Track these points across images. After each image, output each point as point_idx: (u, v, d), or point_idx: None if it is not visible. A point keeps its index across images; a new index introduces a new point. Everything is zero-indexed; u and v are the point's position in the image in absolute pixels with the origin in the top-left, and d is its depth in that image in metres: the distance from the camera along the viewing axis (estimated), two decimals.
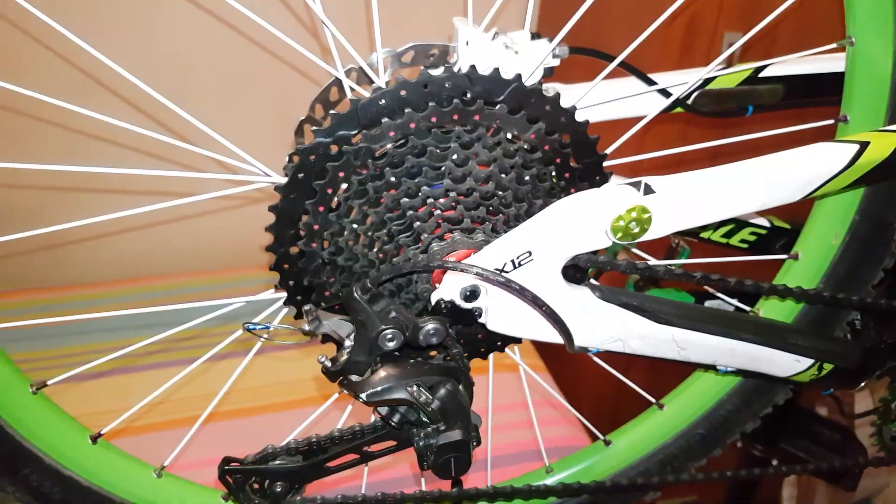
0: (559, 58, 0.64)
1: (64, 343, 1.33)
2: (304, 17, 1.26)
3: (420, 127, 0.53)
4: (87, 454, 0.63)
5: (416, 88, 0.53)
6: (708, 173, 0.54)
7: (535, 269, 0.52)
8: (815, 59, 0.73)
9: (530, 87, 0.54)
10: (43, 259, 1.61)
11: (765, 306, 0.77)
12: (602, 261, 0.55)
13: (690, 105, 0.73)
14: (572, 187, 0.58)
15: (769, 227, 0.82)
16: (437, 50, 0.64)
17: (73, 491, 0.62)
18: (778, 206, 0.56)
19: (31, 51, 1.41)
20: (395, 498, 0.66)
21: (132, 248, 1.64)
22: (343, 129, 0.52)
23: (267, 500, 0.59)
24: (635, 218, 0.51)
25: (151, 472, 0.67)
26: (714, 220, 0.54)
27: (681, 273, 0.60)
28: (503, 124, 0.55)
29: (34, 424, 0.60)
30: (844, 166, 0.57)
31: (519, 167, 0.56)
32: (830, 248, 0.72)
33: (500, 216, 0.57)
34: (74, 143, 1.48)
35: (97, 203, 1.55)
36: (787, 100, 0.75)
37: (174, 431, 1.02)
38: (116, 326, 1.09)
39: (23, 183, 1.55)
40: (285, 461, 0.58)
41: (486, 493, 0.69)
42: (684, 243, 0.92)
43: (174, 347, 0.71)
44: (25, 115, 1.46)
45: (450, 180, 0.55)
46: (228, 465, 0.57)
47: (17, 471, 0.60)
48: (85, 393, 0.92)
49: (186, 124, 0.57)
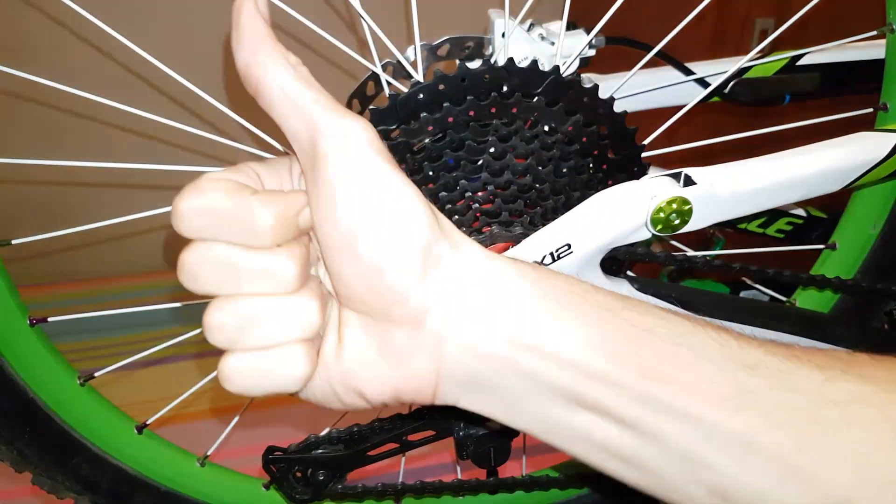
0: (595, 48, 0.64)
1: (108, 334, 1.36)
2: (341, 11, 1.26)
3: (458, 121, 0.54)
4: (133, 444, 0.65)
5: (454, 82, 0.53)
6: (749, 164, 0.54)
7: (575, 262, 0.52)
8: (853, 47, 0.72)
9: (568, 79, 0.54)
10: (89, 252, 1.64)
11: (801, 296, 0.76)
12: (641, 253, 0.55)
13: (728, 94, 0.73)
14: (610, 179, 0.58)
15: (805, 216, 0.81)
16: (472, 42, 0.64)
17: (120, 480, 0.64)
18: (818, 196, 0.56)
19: (58, 40, 1.43)
20: (434, 486, 0.66)
21: (175, 240, 1.66)
22: (382, 124, 0.53)
23: (309, 489, 0.60)
24: (675, 210, 0.51)
25: (195, 461, 0.68)
26: (755, 211, 0.54)
27: (719, 264, 0.59)
28: (541, 116, 0.55)
29: (82, 415, 0.62)
30: (885, 156, 0.56)
31: (557, 159, 0.56)
32: (869, 238, 0.72)
33: (538, 209, 0.57)
34: (115, 139, 1.50)
35: (137, 199, 1.57)
36: (825, 88, 0.74)
37: (218, 420, 1.04)
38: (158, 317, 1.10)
39: (60, 179, 1.58)
40: (327, 450, 0.59)
41: (522, 482, 0.70)
42: (719, 233, 0.91)
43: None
44: (60, 110, 1.49)
45: (488, 173, 0.56)
46: (272, 455, 0.58)
47: (66, 460, 0.61)
48: (130, 383, 0.93)
49: (225, 119, 0.58)
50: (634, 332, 0.35)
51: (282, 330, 0.35)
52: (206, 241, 0.34)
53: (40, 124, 1.54)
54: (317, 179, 0.35)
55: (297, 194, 0.36)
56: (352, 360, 0.37)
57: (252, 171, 0.37)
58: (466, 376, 0.36)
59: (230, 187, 0.34)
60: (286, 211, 0.35)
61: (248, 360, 0.35)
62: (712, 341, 0.35)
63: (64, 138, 1.56)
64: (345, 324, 0.37)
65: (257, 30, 0.35)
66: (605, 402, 0.34)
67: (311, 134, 0.34)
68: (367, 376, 0.37)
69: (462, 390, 0.37)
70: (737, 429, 0.33)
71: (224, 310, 0.34)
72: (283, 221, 0.34)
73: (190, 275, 0.34)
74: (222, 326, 0.34)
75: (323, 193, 0.34)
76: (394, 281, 0.35)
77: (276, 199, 0.34)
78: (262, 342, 0.35)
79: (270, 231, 0.34)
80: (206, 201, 0.33)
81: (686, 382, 0.34)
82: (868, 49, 0.72)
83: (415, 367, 0.36)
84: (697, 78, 0.71)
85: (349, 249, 0.34)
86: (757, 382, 0.34)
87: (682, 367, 0.34)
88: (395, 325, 0.36)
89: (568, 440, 0.36)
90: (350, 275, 0.35)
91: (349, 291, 0.36)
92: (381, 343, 0.36)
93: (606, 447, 0.35)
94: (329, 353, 0.37)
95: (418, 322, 0.35)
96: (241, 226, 0.33)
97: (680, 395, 0.34)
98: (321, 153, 0.34)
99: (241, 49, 0.35)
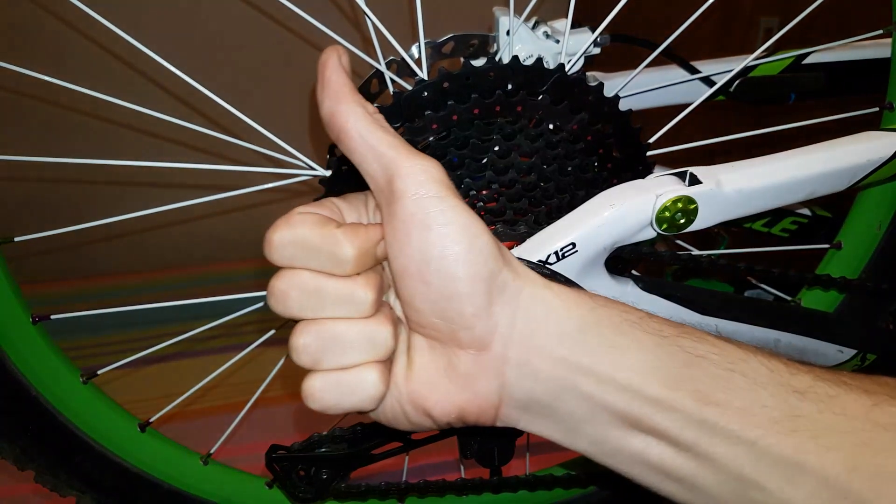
0: (600, 46, 0.64)
1: (112, 331, 1.36)
2: (345, 9, 1.26)
3: (462, 119, 0.54)
4: (136, 442, 0.65)
5: (458, 80, 0.53)
6: (754, 163, 0.54)
7: (580, 261, 0.52)
8: (859, 46, 0.72)
9: (573, 77, 0.54)
10: (92, 250, 1.64)
11: (806, 296, 0.76)
12: (646, 252, 0.55)
13: (733, 93, 0.72)
14: (615, 178, 0.58)
15: (810, 215, 0.81)
16: (477, 40, 0.64)
17: (124, 478, 0.64)
18: (824, 195, 0.56)
19: (69, 41, 1.43)
20: (438, 486, 0.66)
21: (177, 239, 1.66)
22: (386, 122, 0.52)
23: (313, 487, 0.60)
24: (681, 209, 0.51)
25: (198, 459, 0.68)
26: (760, 210, 0.54)
27: (724, 263, 0.59)
28: (546, 115, 0.55)
29: (85, 413, 0.62)
30: (891, 155, 0.56)
31: (561, 158, 0.56)
32: (874, 237, 0.72)
33: (543, 208, 0.57)
34: (118, 137, 1.50)
35: (141, 196, 1.57)
36: (831, 87, 0.74)
37: (222, 417, 1.04)
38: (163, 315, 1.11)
39: (69, 177, 1.58)
40: (331, 448, 0.59)
41: (526, 482, 0.69)
42: (724, 232, 0.91)
43: (219, 335, 0.73)
44: (67, 109, 1.49)
45: (492, 172, 0.55)
46: (275, 453, 0.58)
47: (69, 459, 0.61)
48: (134, 381, 0.94)
49: (230, 117, 0.58)
50: (689, 357, 0.37)
51: (360, 351, 0.38)
52: (294, 268, 0.38)
53: (43, 121, 1.54)
54: (393, 214, 0.38)
55: (375, 227, 0.39)
56: (421, 381, 0.40)
57: (334, 205, 0.41)
58: (527, 399, 0.39)
59: (318, 220, 0.38)
60: (366, 243, 0.38)
61: (330, 380, 0.38)
62: (763, 367, 0.37)
63: (66, 136, 1.56)
64: (414, 348, 0.40)
65: (340, 82, 0.40)
66: (661, 425, 0.36)
67: (388, 174, 0.38)
68: (435, 398, 0.39)
69: (522, 412, 0.40)
70: (788, 451, 0.34)
71: (308, 333, 0.38)
72: (364, 252, 0.38)
73: (278, 299, 0.38)
74: (307, 348, 0.38)
75: (398, 227, 0.38)
76: (462, 308, 0.38)
77: (358, 232, 0.38)
78: (342, 363, 0.38)
79: (353, 261, 0.37)
80: (297, 233, 0.37)
81: (739, 406, 0.35)
82: (873, 48, 0.72)
83: (479, 389, 0.39)
84: (703, 76, 0.70)
85: (421, 278, 0.38)
86: (807, 406, 0.35)
87: (734, 392, 0.36)
88: (461, 349, 0.39)
89: (625, 463, 0.39)
90: (421, 302, 0.38)
91: (419, 317, 0.39)
92: (449, 366, 0.39)
93: (662, 469, 0.37)
94: (399, 374, 0.40)
95: (484, 346, 0.38)
96: (327, 256, 0.37)
97: (733, 419, 0.35)
98: (397, 191, 0.37)
99: (326, 99, 0.39)
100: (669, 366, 0.37)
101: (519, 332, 0.38)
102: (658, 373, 0.37)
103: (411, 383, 0.40)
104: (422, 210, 0.37)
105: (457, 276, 0.37)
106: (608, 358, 0.37)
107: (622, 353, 0.37)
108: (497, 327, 0.38)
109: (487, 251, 0.38)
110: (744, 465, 0.35)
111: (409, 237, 0.37)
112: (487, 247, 0.38)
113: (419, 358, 0.40)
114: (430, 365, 0.40)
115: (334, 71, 0.40)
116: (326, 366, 0.38)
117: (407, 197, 0.37)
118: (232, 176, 0.64)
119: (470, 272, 0.37)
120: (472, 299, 0.37)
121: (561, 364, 0.38)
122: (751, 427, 0.35)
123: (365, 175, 0.40)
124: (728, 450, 0.35)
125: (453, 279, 0.37)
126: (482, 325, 0.38)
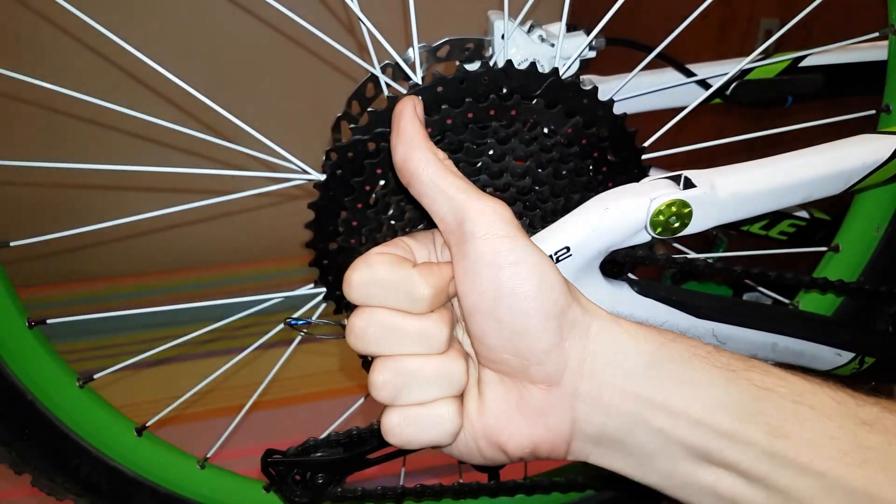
0: (596, 50, 0.64)
1: (109, 335, 1.36)
2: (340, 13, 1.26)
3: (457, 123, 0.53)
4: (133, 446, 0.65)
5: (452, 84, 0.52)
6: (749, 167, 0.54)
7: (574, 265, 0.52)
8: (855, 49, 0.72)
9: (567, 81, 0.54)
10: (89, 254, 1.64)
11: (804, 299, 0.76)
12: (641, 255, 0.55)
13: (730, 96, 0.72)
14: (610, 181, 0.58)
15: (809, 218, 0.81)
16: (472, 44, 0.64)
17: (120, 482, 0.64)
18: (820, 198, 0.56)
19: (66, 47, 1.43)
20: (434, 490, 0.66)
21: (172, 242, 1.67)
22: (380, 126, 0.52)
23: (308, 492, 0.60)
24: (675, 212, 0.51)
25: (195, 463, 0.68)
26: (756, 213, 0.54)
27: (721, 267, 0.59)
28: (540, 119, 0.55)
29: (81, 417, 0.62)
30: (888, 158, 0.56)
31: (556, 162, 0.56)
32: (872, 240, 0.71)
33: (538, 211, 0.57)
34: (114, 141, 1.51)
35: (136, 200, 1.58)
36: (828, 90, 0.74)
37: (218, 420, 1.04)
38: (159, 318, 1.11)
39: (67, 182, 1.59)
40: (326, 453, 0.59)
41: (523, 486, 0.69)
42: (722, 235, 0.91)
43: (215, 338, 0.73)
44: (64, 114, 1.49)
45: (486, 176, 0.55)
46: (271, 458, 0.58)
47: (65, 463, 0.61)
48: (130, 384, 0.94)
49: (225, 122, 0.58)
50: (758, 391, 0.38)
51: (436, 387, 0.39)
52: (372, 307, 0.39)
53: (39, 126, 1.54)
54: (464, 254, 0.39)
55: (447, 266, 0.41)
56: (494, 416, 0.41)
57: (405, 245, 0.43)
58: (598, 433, 0.40)
59: (395, 261, 0.40)
60: (441, 282, 0.40)
61: (409, 415, 0.39)
62: (830, 399, 0.38)
63: (61, 140, 1.57)
64: (485, 383, 0.41)
65: (414, 131, 0.42)
66: (732, 458, 0.37)
67: (458, 216, 0.40)
68: (509, 432, 0.40)
69: (594, 447, 0.40)
70: (858, 483, 0.35)
71: (386, 369, 0.39)
72: (438, 291, 0.40)
73: (358, 336, 0.39)
74: (386, 384, 0.39)
75: (469, 266, 0.39)
76: (534, 344, 0.39)
77: (433, 271, 0.40)
78: (420, 398, 0.39)
79: (429, 299, 0.39)
80: (377, 273, 0.39)
81: (808, 439, 0.36)
82: (870, 51, 0.72)
83: (551, 423, 0.40)
84: (699, 79, 0.70)
85: (493, 315, 0.39)
86: (875, 438, 0.36)
87: (803, 424, 0.36)
88: (533, 384, 0.40)
89: (696, 495, 0.39)
90: (493, 338, 0.39)
91: (491, 353, 0.40)
92: (520, 400, 0.40)
93: (734, 501, 0.38)
94: (472, 409, 0.41)
95: (555, 382, 0.39)
96: (405, 295, 0.39)
97: (803, 451, 0.36)
98: (468, 231, 0.39)
99: (400, 145, 0.42)
100: (740, 400, 0.38)
101: (589, 367, 0.39)
102: (729, 407, 0.37)
103: (484, 417, 0.41)
104: (493, 249, 0.38)
105: (529, 312, 0.38)
106: (679, 393, 0.38)
107: (693, 388, 0.38)
108: (568, 362, 0.39)
109: (558, 288, 0.39)
110: (814, 497, 0.36)
111: (480, 276, 0.39)
112: (558, 284, 0.39)
113: (491, 393, 0.41)
114: (502, 400, 0.41)
115: (410, 120, 0.43)
116: (405, 401, 0.39)
117: (478, 237, 0.39)
118: (228, 180, 0.64)
119: (541, 309, 0.38)
120: (544, 335, 0.38)
121: (632, 399, 0.39)
122: (820, 459, 0.35)
123: (434, 216, 0.41)
124: (799, 482, 0.36)
125: (525, 316, 0.38)
126: (554, 360, 0.39)
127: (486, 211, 0.39)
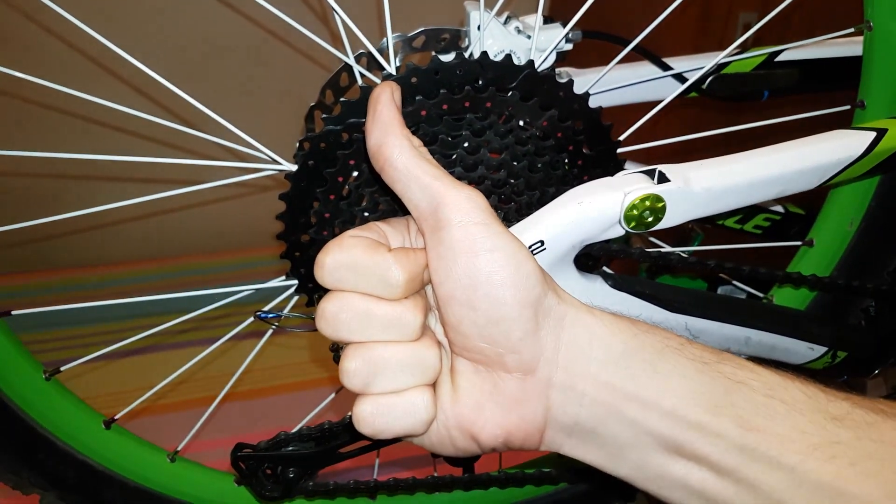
0: (572, 42, 0.63)
1: (78, 325, 1.34)
2: (313, 2, 1.25)
3: (431, 114, 0.53)
4: (101, 439, 0.64)
5: (426, 75, 0.52)
6: (724, 161, 0.53)
7: (548, 259, 0.51)
8: (832, 44, 0.72)
9: (543, 74, 0.54)
10: (58, 244, 1.62)
11: (778, 293, 0.76)
12: (615, 249, 0.55)
13: (706, 90, 0.72)
14: (585, 175, 0.57)
15: (783, 213, 0.81)
16: (448, 35, 0.63)
17: (88, 475, 0.63)
18: (795, 193, 0.56)
19: (37, 38, 1.41)
20: (408, 483, 0.66)
21: (143, 232, 1.65)
22: (353, 116, 0.52)
23: (279, 486, 0.59)
24: (649, 207, 0.50)
25: (165, 456, 0.67)
26: (730, 208, 0.54)
27: (694, 261, 0.59)
28: (515, 111, 0.54)
29: (48, 410, 0.61)
30: (861, 154, 0.56)
31: (531, 155, 0.56)
32: (846, 235, 0.72)
33: (513, 205, 0.56)
34: (85, 131, 1.49)
35: (108, 190, 1.56)
36: (803, 84, 0.74)
37: (189, 412, 1.03)
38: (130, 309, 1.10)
39: (37, 171, 1.56)
40: (298, 447, 0.58)
41: (497, 479, 0.69)
42: (698, 228, 0.91)
43: (186, 329, 0.72)
44: (35, 104, 1.47)
45: (461, 168, 0.55)
46: (241, 452, 0.58)
47: (31, 456, 0.60)
48: (99, 376, 0.92)
49: (195, 112, 0.57)
50: (730, 384, 0.38)
51: (409, 375, 0.39)
52: (344, 291, 0.39)
53: (8, 116, 1.51)
54: (439, 241, 0.39)
55: (422, 252, 0.40)
56: (467, 405, 0.40)
57: (379, 229, 0.42)
58: (572, 423, 0.39)
59: (369, 244, 0.39)
60: (415, 268, 0.39)
61: (381, 404, 0.39)
62: (801, 393, 0.38)
63: (32, 130, 1.54)
64: (458, 372, 0.41)
65: (391, 116, 0.41)
66: (703, 450, 0.37)
67: (433, 203, 0.39)
68: (482, 421, 0.40)
69: (566, 437, 0.40)
70: (827, 477, 0.35)
71: (358, 356, 0.38)
72: (413, 277, 0.39)
73: (329, 321, 0.39)
74: (357, 371, 0.38)
75: (444, 253, 0.39)
76: (510, 332, 0.38)
77: (409, 256, 0.39)
78: (392, 387, 0.39)
79: (403, 285, 0.38)
80: (350, 256, 0.38)
81: (779, 432, 0.36)
82: (846, 46, 0.72)
83: (525, 412, 0.39)
84: (675, 73, 0.70)
85: (469, 303, 0.38)
86: (845, 433, 0.36)
87: (774, 418, 0.37)
88: (507, 372, 0.39)
89: (667, 488, 0.39)
90: (468, 326, 0.39)
91: (466, 341, 0.39)
92: (494, 390, 0.40)
93: (704, 494, 0.38)
94: (445, 399, 0.40)
95: (530, 370, 0.39)
96: (378, 279, 0.38)
97: (773, 445, 0.36)
98: (443, 219, 0.39)
99: (375, 130, 0.41)
100: (711, 392, 0.37)
101: (564, 356, 0.39)
102: (701, 399, 0.37)
103: (458, 407, 0.40)
104: (469, 237, 0.38)
105: (505, 300, 0.38)
106: (652, 384, 0.38)
107: (666, 379, 0.38)
108: (543, 351, 0.39)
109: (535, 276, 0.39)
110: (783, 491, 0.36)
111: (455, 263, 0.38)
112: (534, 272, 0.39)
113: (464, 381, 0.40)
114: (476, 388, 0.40)
115: (386, 105, 0.41)
116: (377, 389, 0.39)
117: (454, 224, 0.38)
118: (199, 170, 0.63)
119: (517, 296, 0.38)
120: (520, 324, 0.38)
121: (605, 389, 0.38)
122: (790, 453, 0.36)
123: (408, 203, 0.41)
124: (768, 475, 0.36)
125: (501, 303, 0.38)
126: (529, 349, 0.38)
127: (461, 198, 0.39)
